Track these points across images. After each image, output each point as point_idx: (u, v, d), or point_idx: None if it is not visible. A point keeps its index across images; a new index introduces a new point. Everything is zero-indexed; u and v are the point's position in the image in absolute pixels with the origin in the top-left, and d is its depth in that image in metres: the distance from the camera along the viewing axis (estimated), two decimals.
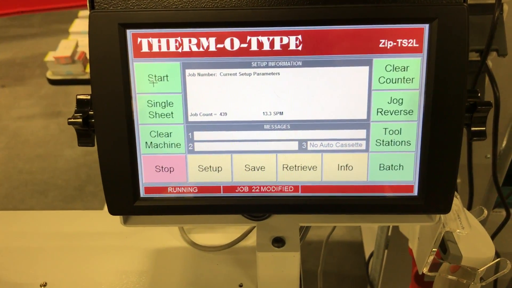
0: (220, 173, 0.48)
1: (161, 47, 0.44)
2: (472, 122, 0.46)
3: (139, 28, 0.44)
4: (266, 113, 0.46)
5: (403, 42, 0.43)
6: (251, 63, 0.45)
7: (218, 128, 0.46)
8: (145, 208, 0.48)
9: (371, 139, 0.46)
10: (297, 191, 0.48)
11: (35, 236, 0.70)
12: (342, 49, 0.44)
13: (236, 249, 0.66)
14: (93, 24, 0.43)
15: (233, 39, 0.44)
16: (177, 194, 0.48)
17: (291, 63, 0.44)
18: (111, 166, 0.46)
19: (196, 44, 0.44)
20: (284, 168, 0.47)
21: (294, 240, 0.52)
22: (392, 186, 0.47)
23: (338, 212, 0.48)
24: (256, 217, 0.54)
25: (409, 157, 0.46)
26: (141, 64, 0.45)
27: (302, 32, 0.43)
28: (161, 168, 0.48)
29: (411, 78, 0.44)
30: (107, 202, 0.48)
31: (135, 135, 0.46)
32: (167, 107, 0.46)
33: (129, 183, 0.47)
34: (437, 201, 0.46)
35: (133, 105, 0.45)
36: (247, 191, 0.48)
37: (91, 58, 0.44)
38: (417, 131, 0.45)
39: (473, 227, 0.57)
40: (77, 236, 0.70)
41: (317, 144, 0.47)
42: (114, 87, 0.44)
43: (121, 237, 0.68)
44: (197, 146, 0.47)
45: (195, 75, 0.45)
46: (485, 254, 0.56)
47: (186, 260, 0.65)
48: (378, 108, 0.45)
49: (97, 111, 0.45)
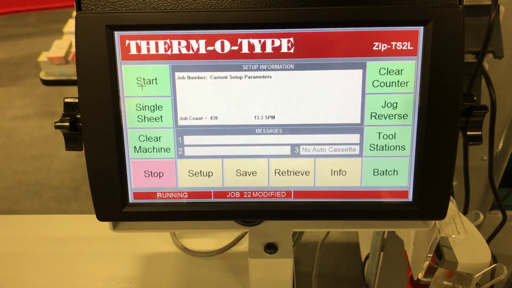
0: (211, 178, 0.47)
1: (150, 50, 0.43)
2: (468, 126, 0.45)
3: (127, 30, 0.43)
4: (258, 117, 0.45)
5: (397, 44, 0.42)
6: (242, 66, 0.44)
7: (209, 132, 0.45)
8: (134, 214, 0.47)
9: (364, 143, 0.45)
10: (289, 196, 0.47)
11: (23, 241, 0.69)
12: (335, 52, 0.43)
13: (228, 254, 0.65)
14: (80, 26, 0.42)
15: (223, 41, 0.43)
16: (167, 200, 0.47)
17: (283, 66, 0.43)
18: (99, 171, 0.45)
19: (186, 46, 0.43)
20: (276, 173, 0.46)
21: (287, 246, 0.51)
22: (386, 191, 0.46)
23: (331, 218, 0.47)
24: (248, 222, 0.53)
25: (404, 162, 0.45)
26: (130, 67, 0.44)
27: (294, 34, 0.42)
28: (150, 173, 0.47)
29: (405, 82, 0.43)
30: (95, 208, 0.47)
31: (124, 140, 0.45)
32: (156, 111, 0.45)
33: (118, 188, 0.46)
34: (432, 207, 0.45)
35: (121, 108, 0.44)
36: (239, 196, 0.47)
37: (78, 61, 0.43)
38: (412, 135, 0.45)
39: (469, 232, 0.56)
40: (66, 241, 0.68)
41: (309, 149, 0.46)
42: (101, 91, 0.43)
43: (111, 242, 0.67)
44: (187, 151, 0.46)
45: (184, 78, 0.44)
46: (481, 260, 0.55)
47: (178, 265, 0.64)
48: (372, 112, 0.44)
49: (85, 115, 0.44)
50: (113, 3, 0.43)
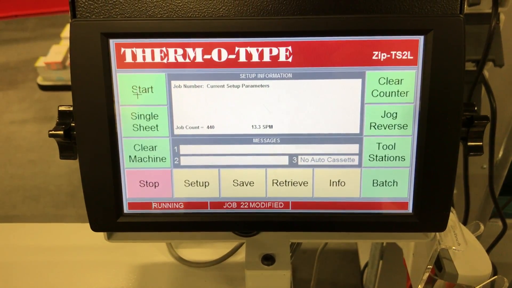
0: (207, 188, 0.46)
1: (146, 58, 0.43)
2: (469, 136, 0.44)
3: (123, 38, 0.42)
4: (255, 127, 0.44)
5: (397, 54, 0.42)
6: (239, 74, 0.43)
7: (205, 142, 0.45)
8: (128, 225, 0.46)
9: (364, 154, 0.45)
10: (287, 207, 0.46)
11: (17, 250, 0.68)
12: (334, 61, 0.42)
13: (224, 265, 0.64)
14: (75, 34, 0.42)
15: (220, 50, 0.42)
16: (162, 210, 0.46)
17: (281, 75, 0.43)
18: (94, 180, 0.44)
19: (182, 54, 0.42)
20: (274, 183, 0.46)
21: (285, 258, 0.50)
22: (385, 202, 0.46)
23: (330, 230, 0.46)
24: (245, 233, 0.52)
25: (404, 173, 0.45)
26: (125, 75, 0.43)
27: (293, 43, 0.42)
28: (146, 183, 0.46)
29: (405, 92, 0.43)
30: (89, 218, 0.46)
31: (119, 149, 0.44)
32: (152, 120, 0.44)
33: (112, 199, 0.45)
34: (432, 218, 0.45)
35: (116, 117, 0.44)
36: (235, 207, 0.46)
37: (73, 69, 0.42)
38: (412, 146, 0.44)
39: (469, 243, 0.55)
40: (60, 250, 0.67)
41: (308, 159, 0.45)
42: (96, 99, 0.43)
43: (106, 252, 0.66)
44: (183, 160, 0.45)
45: (181, 87, 0.43)
46: (481, 272, 0.54)
47: (173, 276, 0.63)
48: (371, 122, 0.44)
49: (79, 124, 0.43)
50: (109, 11, 0.42)
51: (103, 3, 0.42)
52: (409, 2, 0.41)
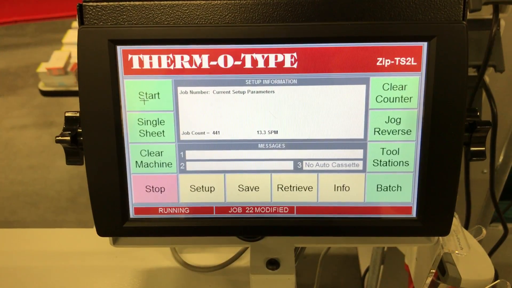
0: (213, 193, 0.46)
1: (153, 64, 0.43)
2: (472, 141, 0.45)
3: (130, 45, 0.43)
4: (260, 132, 0.45)
5: (401, 60, 0.42)
6: (245, 81, 0.43)
7: (211, 147, 0.45)
8: (134, 229, 0.46)
9: (368, 159, 0.45)
10: (292, 212, 0.46)
11: (21, 255, 0.68)
12: (339, 67, 0.43)
13: (229, 269, 0.64)
14: (82, 40, 0.42)
15: (226, 56, 0.43)
16: (168, 215, 0.47)
17: (286, 81, 0.43)
18: (100, 186, 0.45)
19: (189, 61, 0.43)
20: (279, 188, 0.46)
21: (289, 262, 0.51)
22: (390, 207, 0.46)
23: (334, 234, 0.47)
24: (250, 238, 0.52)
25: (407, 178, 0.45)
26: (132, 81, 0.43)
27: (298, 49, 0.42)
28: (152, 188, 0.46)
29: (409, 97, 0.43)
30: (96, 223, 0.46)
31: (125, 154, 0.45)
32: (159, 125, 0.44)
33: (118, 204, 0.45)
34: (436, 223, 0.45)
35: (123, 123, 0.44)
36: (241, 212, 0.47)
37: (80, 75, 0.43)
38: (416, 151, 0.44)
39: (472, 248, 0.55)
40: (65, 256, 0.67)
41: (313, 164, 0.45)
42: (103, 105, 0.43)
43: (110, 257, 0.66)
44: (189, 166, 0.46)
45: (187, 93, 0.44)
46: (484, 276, 0.54)
47: (178, 281, 0.63)
48: (375, 127, 0.44)
49: (86, 129, 0.43)
50: (116, 18, 0.43)
51: (110, 10, 0.42)
52: (413, 9, 0.42)
